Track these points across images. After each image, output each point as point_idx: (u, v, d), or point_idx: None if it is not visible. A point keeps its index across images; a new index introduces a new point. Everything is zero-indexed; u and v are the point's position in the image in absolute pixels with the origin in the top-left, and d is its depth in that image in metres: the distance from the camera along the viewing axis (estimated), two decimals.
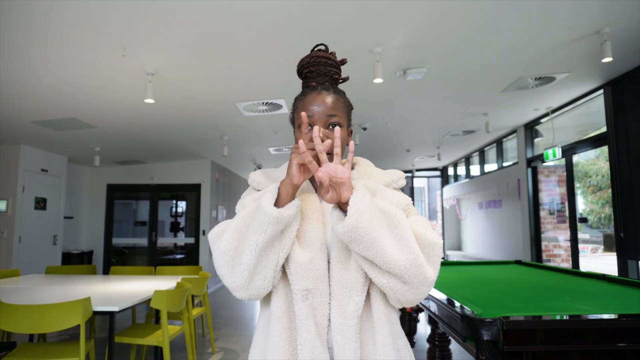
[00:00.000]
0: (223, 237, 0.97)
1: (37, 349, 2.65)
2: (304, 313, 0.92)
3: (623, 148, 4.16)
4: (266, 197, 0.91)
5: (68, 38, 2.98)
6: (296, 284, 0.94)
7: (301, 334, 0.92)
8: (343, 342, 0.91)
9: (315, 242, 0.96)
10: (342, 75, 1.15)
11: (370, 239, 0.86)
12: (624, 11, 2.86)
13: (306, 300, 0.93)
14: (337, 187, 0.88)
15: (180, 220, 8.79)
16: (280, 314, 0.96)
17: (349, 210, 0.86)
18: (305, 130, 0.99)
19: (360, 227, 0.85)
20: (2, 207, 6.00)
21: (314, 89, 1.04)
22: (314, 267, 0.94)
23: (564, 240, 6.14)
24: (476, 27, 3.05)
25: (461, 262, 3.79)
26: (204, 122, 5.39)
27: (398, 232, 0.90)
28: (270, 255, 0.92)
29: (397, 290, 0.91)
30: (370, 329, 0.95)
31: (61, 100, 4.27)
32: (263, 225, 0.89)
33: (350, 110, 1.10)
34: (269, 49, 3.28)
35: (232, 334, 4.74)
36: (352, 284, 0.93)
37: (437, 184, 13.22)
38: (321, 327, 0.93)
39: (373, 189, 1.01)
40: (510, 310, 1.70)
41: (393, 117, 5.50)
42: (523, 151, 6.25)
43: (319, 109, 1.01)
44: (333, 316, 0.93)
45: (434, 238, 0.95)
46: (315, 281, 0.93)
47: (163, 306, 2.84)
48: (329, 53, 1.12)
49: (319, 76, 1.08)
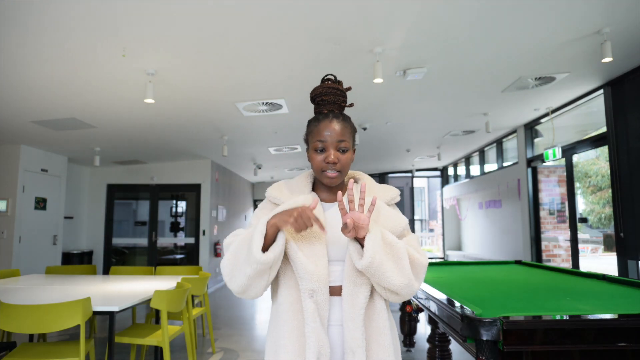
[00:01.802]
0: (228, 250, 1.20)
1: (37, 349, 2.65)
2: (311, 307, 1.14)
3: (623, 148, 4.16)
4: (256, 239, 1.10)
5: (68, 38, 2.98)
6: (304, 285, 1.16)
7: (308, 323, 1.14)
8: (353, 326, 1.14)
9: (318, 251, 1.19)
10: (347, 101, 1.35)
11: (380, 272, 1.11)
12: (624, 11, 2.86)
13: (312, 297, 1.15)
14: (357, 229, 1.10)
15: (180, 220, 8.79)
16: (289, 308, 1.18)
17: (366, 253, 1.10)
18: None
19: (373, 265, 1.10)
20: (2, 207, 5.99)
21: (326, 117, 1.26)
22: (318, 272, 1.16)
23: (564, 240, 6.14)
24: (476, 27, 3.06)
25: (461, 262, 3.79)
26: (204, 122, 5.39)
27: (399, 262, 1.14)
28: (259, 281, 1.14)
29: (390, 297, 1.19)
30: (372, 315, 1.19)
31: (61, 100, 4.27)
32: (250, 262, 1.10)
33: (355, 132, 1.32)
34: (269, 49, 3.28)
35: (232, 334, 4.74)
36: (362, 283, 1.18)
37: (437, 184, 13.23)
38: (323, 319, 1.16)
39: (378, 209, 1.24)
40: (510, 310, 1.70)
41: (393, 117, 5.50)
42: (523, 151, 6.25)
43: (331, 135, 1.23)
44: (345, 306, 1.16)
45: (423, 261, 1.20)
46: (319, 284, 1.16)
47: (163, 306, 2.84)
48: (337, 82, 1.33)
49: (330, 104, 1.29)
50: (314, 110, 1.33)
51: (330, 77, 1.33)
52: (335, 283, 1.20)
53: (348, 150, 1.24)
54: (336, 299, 1.20)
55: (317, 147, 1.23)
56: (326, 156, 1.22)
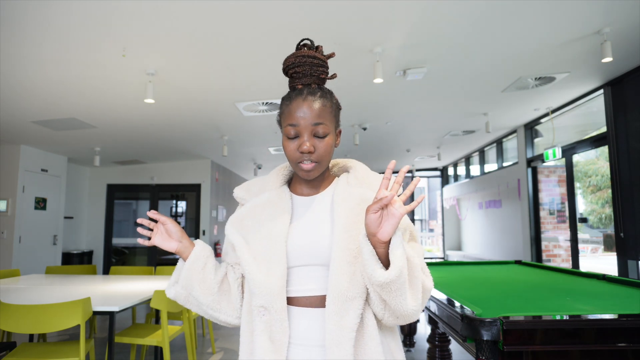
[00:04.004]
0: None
1: (37, 349, 2.65)
2: (259, 328, 0.94)
3: (623, 148, 4.16)
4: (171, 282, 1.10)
5: (68, 38, 2.98)
6: (253, 300, 0.96)
7: (256, 349, 0.94)
8: (339, 353, 0.89)
9: (271, 257, 0.97)
10: (329, 71, 1.08)
11: (402, 290, 0.87)
12: (624, 11, 2.86)
13: (263, 316, 0.95)
14: (385, 217, 0.85)
15: (180, 220, 8.79)
16: (244, 327, 1.00)
17: (393, 265, 0.85)
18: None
19: (399, 281, 0.86)
20: (2, 207, 5.99)
21: (299, 94, 1.00)
22: (268, 284, 0.94)
23: (564, 240, 6.13)
24: (476, 27, 3.05)
25: (461, 262, 3.79)
26: (204, 122, 5.39)
27: (415, 282, 0.91)
28: (197, 309, 1.06)
29: (385, 318, 0.93)
30: (361, 338, 0.93)
31: (61, 100, 4.27)
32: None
33: (339, 111, 1.06)
34: (269, 49, 3.28)
35: (232, 334, 4.74)
36: (355, 296, 0.91)
37: (437, 184, 13.21)
38: (278, 344, 0.93)
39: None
40: (510, 310, 1.69)
41: (393, 117, 5.50)
42: (523, 151, 6.25)
43: (305, 117, 0.97)
44: (329, 327, 0.90)
45: (429, 285, 0.96)
46: (270, 298, 0.94)
47: (163, 306, 2.84)
48: (315, 49, 1.06)
49: (305, 77, 1.03)
50: (289, 84, 1.07)
51: (307, 43, 1.06)
52: (314, 293, 0.97)
53: (328, 135, 0.99)
54: (317, 311, 0.96)
55: (289, 133, 0.98)
56: (300, 144, 0.97)
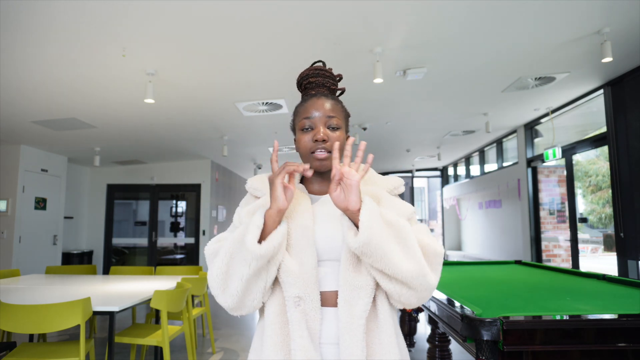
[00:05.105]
0: (216, 259, 1.00)
1: (37, 349, 2.65)
2: (296, 318, 0.96)
3: (623, 148, 4.16)
4: (251, 232, 0.93)
5: (68, 38, 2.98)
6: (288, 291, 0.97)
7: (294, 339, 0.94)
8: (351, 340, 0.93)
9: (305, 248, 0.99)
10: (339, 87, 1.19)
11: (381, 252, 0.91)
12: (624, 11, 2.86)
13: (298, 306, 0.96)
14: (345, 189, 0.92)
15: (180, 220, 8.79)
16: (273, 319, 0.99)
17: (361, 226, 0.90)
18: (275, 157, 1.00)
19: (372, 243, 0.90)
20: (2, 207, 5.99)
21: (313, 96, 1.10)
22: (303, 275, 0.97)
23: (564, 240, 6.13)
24: (476, 27, 3.05)
25: (461, 262, 3.79)
26: (204, 122, 5.39)
27: (405, 243, 0.94)
28: (257, 282, 0.96)
29: (402, 294, 0.96)
30: (375, 329, 0.98)
31: (61, 100, 4.27)
32: (247, 260, 0.92)
33: (348, 117, 1.15)
34: (269, 49, 3.28)
35: (232, 334, 4.74)
36: (363, 286, 0.96)
37: (437, 184, 13.21)
38: (313, 332, 0.96)
39: (377, 197, 1.05)
40: (510, 310, 1.69)
41: (393, 117, 5.50)
42: (523, 151, 6.25)
43: (319, 111, 1.06)
44: (341, 316, 0.95)
45: (437, 248, 1.00)
46: (305, 288, 0.97)
47: (163, 306, 2.84)
48: (327, 68, 1.18)
49: (318, 87, 1.14)
50: (302, 96, 1.17)
51: (319, 64, 1.19)
52: (328, 288, 1.00)
53: (340, 129, 1.07)
54: (330, 310, 0.99)
55: (304, 125, 1.07)
56: (314, 133, 1.05)
